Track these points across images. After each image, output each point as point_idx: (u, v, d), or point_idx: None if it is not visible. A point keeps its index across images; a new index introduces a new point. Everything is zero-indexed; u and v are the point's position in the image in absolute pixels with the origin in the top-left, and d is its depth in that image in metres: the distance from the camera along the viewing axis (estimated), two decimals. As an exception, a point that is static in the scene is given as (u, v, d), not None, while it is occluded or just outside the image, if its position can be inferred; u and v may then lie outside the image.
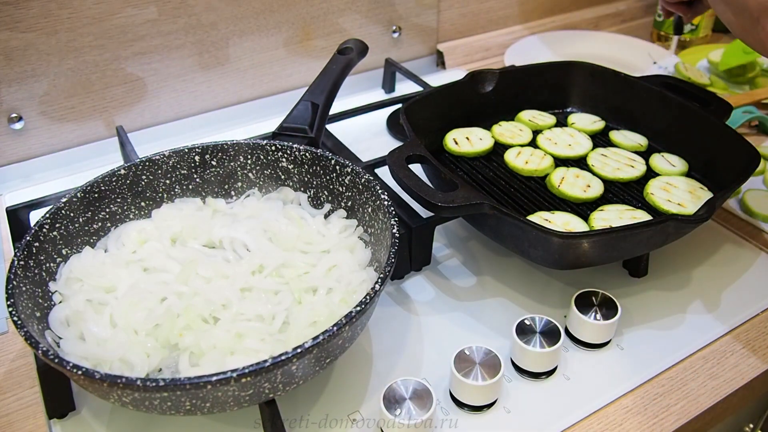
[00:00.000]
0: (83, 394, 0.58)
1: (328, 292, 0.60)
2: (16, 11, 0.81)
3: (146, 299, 0.58)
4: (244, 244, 0.65)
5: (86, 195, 0.64)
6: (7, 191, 0.88)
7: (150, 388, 0.44)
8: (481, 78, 0.87)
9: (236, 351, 0.54)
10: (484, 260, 0.74)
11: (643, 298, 0.69)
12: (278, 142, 0.70)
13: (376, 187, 0.63)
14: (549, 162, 0.80)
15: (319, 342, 0.47)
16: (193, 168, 0.71)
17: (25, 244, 0.57)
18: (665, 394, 0.60)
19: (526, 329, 0.59)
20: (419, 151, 0.69)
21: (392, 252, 0.55)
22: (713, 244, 0.77)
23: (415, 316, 0.67)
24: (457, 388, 0.56)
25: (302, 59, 1.06)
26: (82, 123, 0.92)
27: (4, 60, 0.83)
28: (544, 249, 0.62)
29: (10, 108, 0.87)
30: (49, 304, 0.58)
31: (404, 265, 0.71)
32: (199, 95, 1.00)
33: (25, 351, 0.64)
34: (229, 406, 0.48)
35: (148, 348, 0.54)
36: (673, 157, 0.81)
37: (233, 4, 0.95)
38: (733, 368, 0.62)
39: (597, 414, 0.58)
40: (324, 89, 0.79)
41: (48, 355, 0.47)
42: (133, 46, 0.91)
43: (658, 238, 0.64)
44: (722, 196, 0.65)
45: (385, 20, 1.11)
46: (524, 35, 1.27)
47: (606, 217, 0.70)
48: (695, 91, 0.82)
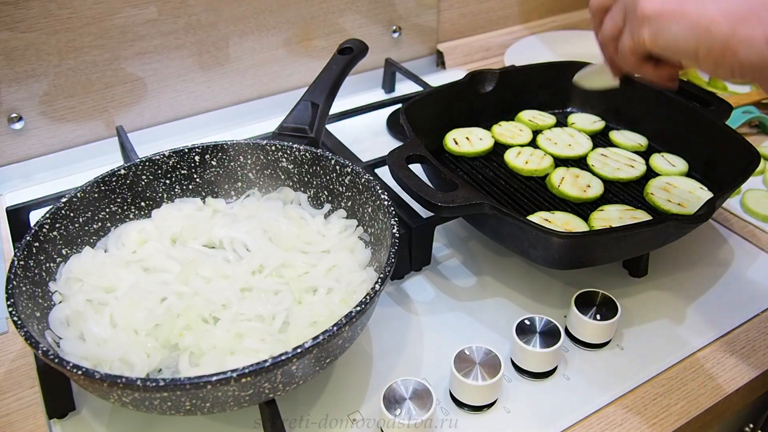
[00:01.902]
0: (83, 394, 0.58)
1: (328, 292, 0.60)
2: (16, 11, 0.81)
3: (146, 299, 0.58)
4: (244, 244, 0.65)
5: (86, 195, 0.64)
6: (7, 191, 0.88)
7: (150, 388, 0.44)
8: (481, 78, 0.87)
9: (236, 351, 0.54)
10: (484, 260, 0.74)
11: (643, 298, 0.69)
12: (278, 142, 0.70)
13: (376, 187, 0.63)
14: (549, 162, 0.80)
15: (319, 342, 0.47)
16: (193, 168, 0.71)
17: (25, 244, 0.57)
18: (665, 394, 0.60)
19: (526, 329, 0.59)
20: (419, 151, 0.69)
21: (392, 252, 0.55)
22: (713, 244, 0.77)
23: (415, 316, 0.67)
24: (457, 388, 0.56)
25: (302, 59, 1.06)
26: (82, 123, 0.92)
27: (4, 60, 0.83)
28: (544, 249, 0.62)
29: (10, 108, 0.87)
30: (49, 304, 0.58)
31: (404, 265, 0.71)
32: (199, 95, 1.00)
33: (25, 351, 0.64)
34: (229, 406, 0.48)
35: (148, 348, 0.54)
36: (673, 157, 0.81)
37: (233, 4, 0.95)
38: (733, 368, 0.62)
39: (597, 414, 0.58)
40: (324, 89, 0.79)
41: (48, 355, 0.47)
42: (133, 46, 0.91)
43: (658, 238, 0.64)
44: (722, 196, 0.65)
45: (385, 20, 1.11)
46: (524, 35, 1.27)
47: (606, 217, 0.70)
48: (695, 91, 0.82)
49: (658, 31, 0.48)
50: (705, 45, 0.46)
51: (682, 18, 0.47)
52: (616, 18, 0.53)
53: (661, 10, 0.48)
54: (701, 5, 0.46)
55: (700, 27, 0.46)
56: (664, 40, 0.48)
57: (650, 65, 0.53)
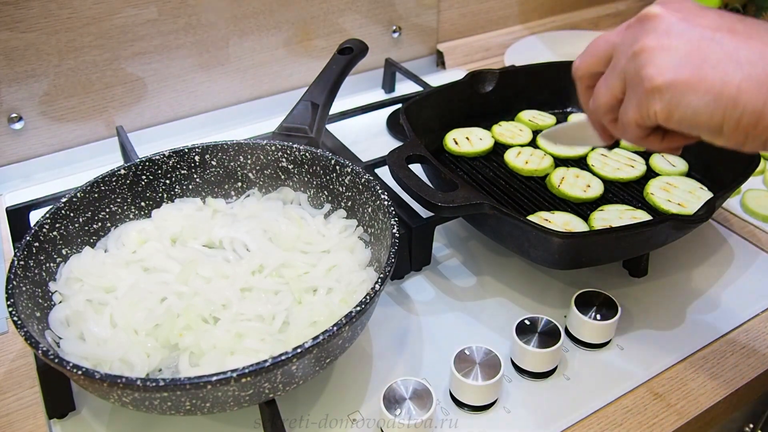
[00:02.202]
0: (83, 394, 0.58)
1: (328, 292, 0.60)
2: (16, 11, 0.81)
3: (146, 299, 0.58)
4: (244, 244, 0.65)
5: (86, 195, 0.64)
6: (7, 191, 0.88)
7: (150, 388, 0.44)
8: (481, 78, 0.87)
9: (236, 351, 0.54)
10: (484, 260, 0.74)
11: (643, 298, 0.69)
12: (278, 142, 0.70)
13: (376, 187, 0.63)
14: (549, 162, 0.80)
15: (319, 342, 0.47)
16: (193, 168, 0.71)
17: (25, 244, 0.57)
18: (665, 394, 0.60)
19: (526, 329, 0.59)
20: (419, 151, 0.69)
21: (392, 252, 0.55)
22: (713, 244, 0.77)
23: (415, 316, 0.67)
24: (457, 388, 0.56)
25: (302, 59, 1.06)
26: (82, 123, 0.92)
27: (4, 60, 0.83)
28: (544, 249, 0.62)
29: (10, 108, 0.87)
30: (49, 304, 0.58)
31: (404, 265, 0.71)
32: (199, 95, 1.00)
33: (25, 351, 0.64)
34: (229, 406, 0.48)
35: (148, 348, 0.54)
36: (673, 157, 0.81)
37: (233, 4, 0.95)
38: (733, 368, 0.62)
39: (597, 414, 0.58)
40: (324, 89, 0.79)
41: (48, 355, 0.47)
42: (133, 46, 0.91)
43: (658, 238, 0.64)
44: (722, 196, 0.65)
45: (385, 20, 1.11)
46: (524, 35, 1.27)
47: (606, 217, 0.70)
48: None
49: (672, 104, 0.41)
50: (733, 118, 0.39)
51: (701, 88, 0.40)
52: (612, 86, 0.45)
53: (675, 80, 0.40)
54: (722, 73, 0.39)
55: (726, 98, 0.39)
56: (681, 114, 0.41)
57: (657, 138, 0.46)
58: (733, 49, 0.40)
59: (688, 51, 0.41)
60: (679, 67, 0.40)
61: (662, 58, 0.41)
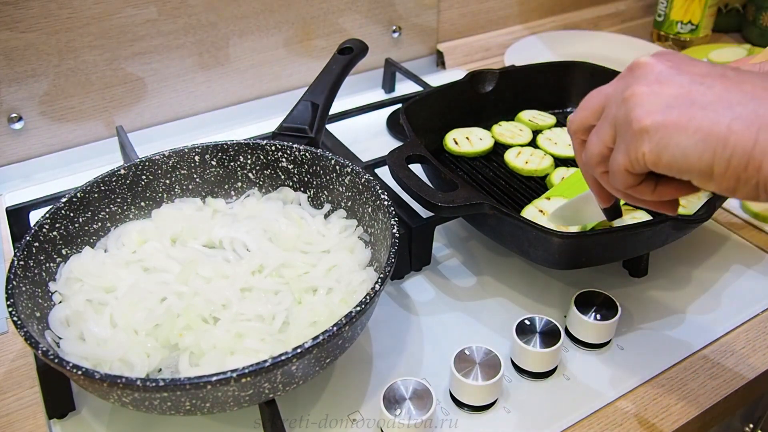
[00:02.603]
0: (83, 394, 0.58)
1: (328, 292, 0.60)
2: (16, 11, 0.81)
3: (146, 299, 0.58)
4: (244, 244, 0.65)
5: (86, 195, 0.64)
6: (7, 191, 0.88)
7: (150, 388, 0.44)
8: (481, 78, 0.87)
9: (236, 351, 0.54)
10: (484, 260, 0.74)
11: (643, 298, 0.69)
12: (278, 142, 0.70)
13: (376, 187, 0.63)
14: (549, 162, 0.80)
15: (319, 342, 0.47)
16: (193, 168, 0.71)
17: (25, 244, 0.57)
18: (665, 394, 0.60)
19: (526, 329, 0.59)
20: (419, 151, 0.69)
21: (392, 252, 0.55)
22: (713, 244, 0.77)
23: (415, 316, 0.67)
24: (457, 388, 0.56)
25: (302, 59, 1.06)
26: (82, 123, 0.92)
27: (4, 60, 0.83)
28: (544, 249, 0.62)
29: (10, 108, 0.87)
30: (49, 304, 0.58)
31: (404, 265, 0.71)
32: (199, 95, 1.00)
33: (25, 351, 0.64)
34: (229, 406, 0.48)
35: (148, 348, 0.54)
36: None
37: (233, 4, 0.95)
38: (733, 368, 0.62)
39: (597, 414, 0.58)
40: (324, 89, 0.79)
41: (48, 355, 0.47)
42: (133, 46, 0.91)
43: (658, 238, 0.64)
44: (722, 196, 0.65)
45: (385, 20, 1.11)
46: (524, 35, 1.27)
47: (606, 217, 0.70)
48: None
49: (661, 145, 0.40)
50: (723, 158, 0.38)
51: (690, 128, 0.39)
52: (603, 135, 0.44)
53: (664, 121, 0.39)
54: (712, 113, 0.38)
55: (715, 138, 0.38)
56: (670, 156, 0.40)
57: (648, 186, 0.44)
58: (723, 91, 0.39)
59: (678, 94, 0.40)
60: (668, 109, 0.40)
61: (651, 100, 0.40)
